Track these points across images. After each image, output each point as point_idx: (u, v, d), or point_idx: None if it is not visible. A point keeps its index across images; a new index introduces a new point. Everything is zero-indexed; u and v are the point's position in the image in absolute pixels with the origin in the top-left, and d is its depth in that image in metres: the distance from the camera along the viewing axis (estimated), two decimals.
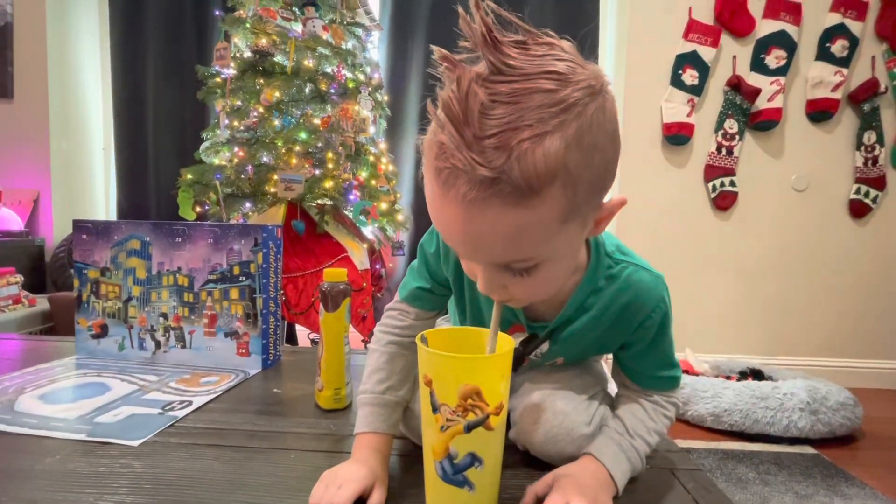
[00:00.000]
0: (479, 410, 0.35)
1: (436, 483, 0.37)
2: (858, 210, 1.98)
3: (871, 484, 1.21)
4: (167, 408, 0.59)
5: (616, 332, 0.45)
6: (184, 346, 0.76)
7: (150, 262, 0.77)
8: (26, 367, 0.73)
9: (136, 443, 0.50)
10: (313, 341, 2.06)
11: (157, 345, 0.77)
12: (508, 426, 0.45)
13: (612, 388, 0.53)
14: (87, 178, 2.35)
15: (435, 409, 0.36)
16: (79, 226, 0.79)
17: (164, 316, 0.77)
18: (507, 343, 0.38)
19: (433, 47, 0.32)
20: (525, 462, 0.46)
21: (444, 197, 0.31)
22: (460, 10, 0.30)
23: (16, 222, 2.07)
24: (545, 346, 0.47)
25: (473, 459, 0.36)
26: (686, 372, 1.76)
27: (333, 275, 0.60)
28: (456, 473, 0.36)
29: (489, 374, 0.35)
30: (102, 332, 0.79)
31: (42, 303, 1.80)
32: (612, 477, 0.41)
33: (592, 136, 0.30)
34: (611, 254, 0.44)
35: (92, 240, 0.78)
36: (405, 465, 0.47)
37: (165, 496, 0.40)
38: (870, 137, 1.94)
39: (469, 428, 0.35)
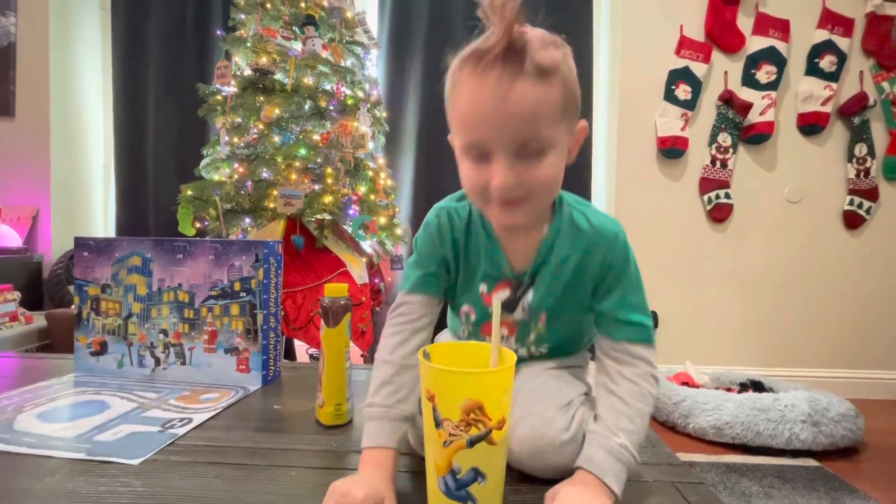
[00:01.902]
0: (482, 425, 0.35)
1: (439, 499, 0.37)
2: (852, 221, 2.00)
3: (874, 496, 1.20)
4: (167, 425, 0.58)
5: (586, 271, 0.51)
6: (183, 363, 0.76)
7: (151, 278, 0.77)
8: (25, 385, 0.73)
9: (136, 461, 0.49)
10: (312, 356, 2.05)
11: (157, 362, 0.77)
12: None
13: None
14: (87, 195, 2.36)
15: (438, 424, 0.36)
16: (80, 243, 0.79)
17: (165, 332, 0.77)
18: (509, 358, 0.38)
19: None
20: (526, 477, 0.46)
21: (482, 84, 0.42)
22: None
23: (14, 239, 2.07)
24: (530, 296, 0.52)
25: (476, 474, 0.36)
26: (686, 384, 1.75)
27: (334, 290, 0.60)
28: (459, 489, 0.36)
29: (491, 388, 0.35)
30: (102, 349, 0.79)
31: (39, 320, 1.80)
32: (608, 485, 0.41)
33: (570, 62, 0.46)
34: (571, 203, 0.53)
35: (93, 257, 0.79)
36: (409, 480, 0.47)
37: None
38: (861, 150, 1.98)
39: (472, 443, 0.35)
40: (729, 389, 1.72)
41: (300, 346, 2.17)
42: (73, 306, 1.89)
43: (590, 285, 0.51)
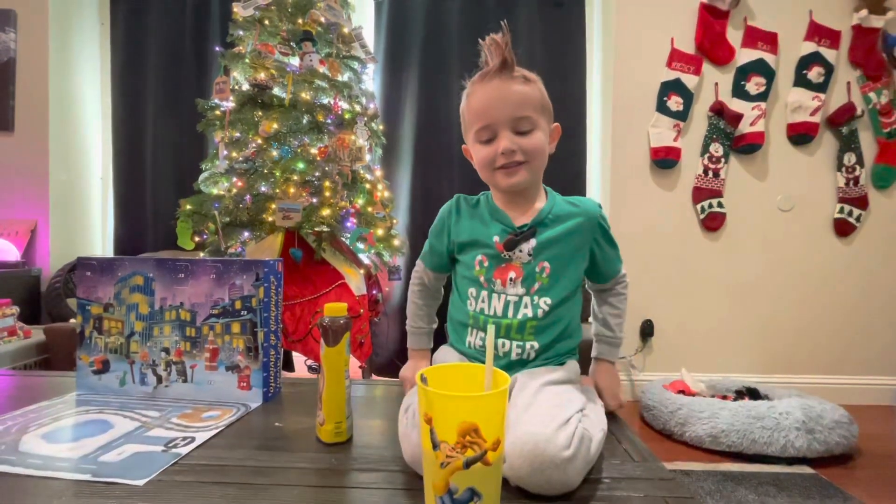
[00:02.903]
0: (478, 447, 0.37)
1: None
2: (843, 229, 2.03)
3: (869, 503, 1.21)
4: (170, 445, 0.60)
5: (581, 232, 0.68)
6: (185, 381, 0.77)
7: (153, 297, 0.78)
8: (28, 404, 0.74)
9: (140, 482, 0.50)
10: (310, 367, 2.06)
11: (159, 379, 0.78)
12: None
13: (590, 409, 0.57)
14: (85, 209, 2.37)
15: (435, 446, 0.37)
16: (83, 262, 0.81)
17: (166, 351, 0.78)
18: (503, 381, 0.40)
19: (493, 36, 0.65)
20: (523, 494, 0.48)
21: (488, 87, 0.65)
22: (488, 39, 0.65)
23: (12, 253, 2.08)
24: (533, 242, 0.66)
25: (473, 494, 0.37)
26: (682, 392, 1.77)
27: (334, 309, 0.62)
28: None
29: (486, 411, 0.37)
30: (104, 367, 0.80)
31: (37, 334, 1.79)
32: (614, 363, 0.75)
33: (542, 86, 0.68)
34: (556, 193, 0.73)
35: (96, 276, 0.80)
36: (409, 498, 0.48)
37: None
38: (850, 159, 2.02)
39: (468, 464, 0.37)
40: (724, 397, 1.74)
41: (298, 358, 2.17)
42: (71, 320, 1.89)
43: (585, 239, 0.68)
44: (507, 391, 0.38)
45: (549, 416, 0.50)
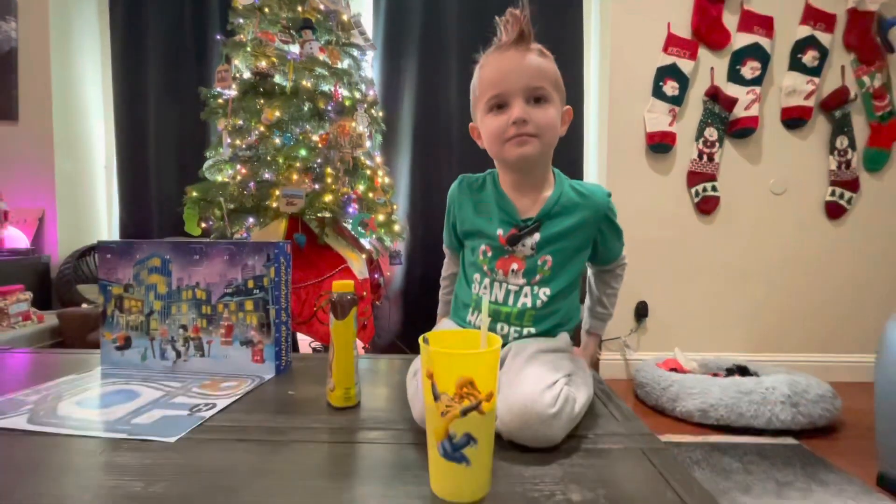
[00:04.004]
0: (473, 398, 0.42)
1: (438, 461, 0.44)
2: (834, 211, 2.07)
3: (848, 470, 1.29)
4: (194, 409, 0.65)
5: (587, 226, 0.68)
6: (202, 355, 0.83)
7: (171, 278, 0.83)
8: (58, 377, 0.79)
9: (172, 439, 0.56)
10: (314, 349, 2.12)
11: (178, 354, 0.84)
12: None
13: (577, 375, 0.63)
14: (91, 196, 2.42)
15: (436, 398, 0.43)
16: (103, 246, 0.86)
17: (184, 328, 0.83)
18: (495, 341, 0.45)
19: (509, 11, 0.64)
20: (514, 445, 0.53)
21: (503, 57, 0.64)
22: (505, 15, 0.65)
23: (22, 240, 2.12)
24: (537, 236, 0.67)
25: (469, 439, 0.43)
26: (674, 370, 1.83)
27: (341, 286, 0.67)
28: (455, 451, 0.43)
29: (481, 367, 0.42)
30: (126, 343, 0.85)
31: (50, 319, 1.86)
32: (601, 336, 0.80)
33: (555, 64, 0.66)
34: (564, 176, 0.72)
35: (115, 259, 0.85)
36: (414, 450, 0.54)
37: (207, 481, 0.47)
38: (842, 142, 2.05)
39: (465, 412, 0.42)
40: (716, 374, 1.80)
41: (303, 340, 2.24)
42: (83, 305, 1.95)
43: (592, 234, 0.69)
44: (500, 350, 0.44)
45: (537, 379, 0.55)
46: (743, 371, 1.84)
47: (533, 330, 0.68)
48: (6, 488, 0.46)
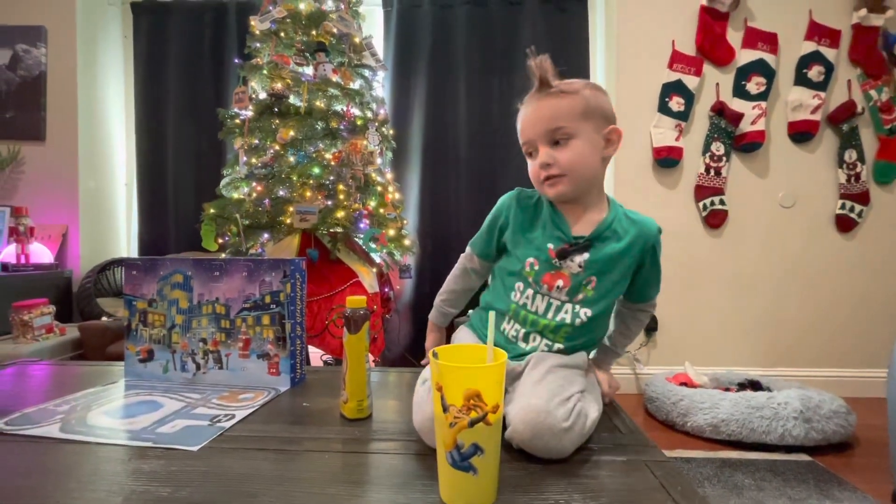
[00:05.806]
0: (480, 409, 0.44)
1: (447, 469, 0.46)
2: (845, 225, 2.07)
3: (862, 488, 1.27)
4: (214, 420, 0.68)
5: (634, 252, 0.69)
6: (221, 368, 0.86)
7: (192, 293, 0.87)
8: (85, 388, 0.83)
9: (195, 448, 0.59)
10: (326, 362, 2.15)
11: (198, 367, 0.87)
12: (504, 427, 0.55)
13: (589, 392, 0.64)
14: (112, 213, 2.50)
15: (445, 410, 0.45)
16: (129, 264, 0.90)
17: (204, 341, 0.87)
18: (501, 356, 0.47)
19: (531, 61, 0.68)
20: (520, 454, 0.55)
21: (527, 106, 0.70)
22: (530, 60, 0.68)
23: (46, 255, 2.20)
24: (586, 255, 0.68)
25: (476, 449, 0.45)
26: (685, 384, 1.82)
27: (355, 302, 0.70)
28: (463, 461, 0.45)
29: (487, 380, 0.45)
30: (149, 356, 0.89)
31: (71, 331, 1.92)
32: (608, 371, 0.78)
33: (599, 94, 0.69)
34: (618, 203, 0.74)
35: (140, 275, 0.89)
36: (424, 460, 0.56)
37: (230, 487, 0.50)
38: (850, 155, 2.05)
39: (472, 423, 0.44)
40: (727, 389, 1.79)
41: (314, 353, 2.27)
42: (103, 318, 2.01)
43: (636, 263, 0.70)
44: (505, 364, 0.46)
45: (552, 393, 0.57)
46: (755, 386, 1.82)
47: (562, 346, 0.69)
48: (44, 492, 0.49)
